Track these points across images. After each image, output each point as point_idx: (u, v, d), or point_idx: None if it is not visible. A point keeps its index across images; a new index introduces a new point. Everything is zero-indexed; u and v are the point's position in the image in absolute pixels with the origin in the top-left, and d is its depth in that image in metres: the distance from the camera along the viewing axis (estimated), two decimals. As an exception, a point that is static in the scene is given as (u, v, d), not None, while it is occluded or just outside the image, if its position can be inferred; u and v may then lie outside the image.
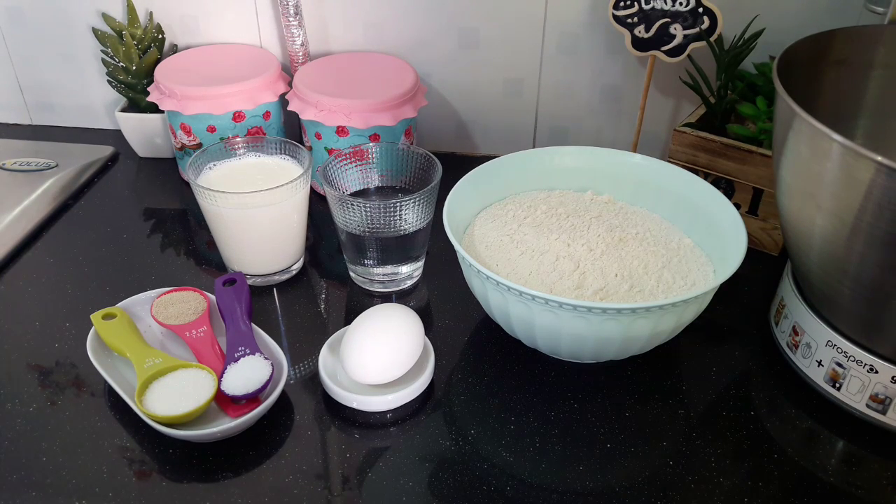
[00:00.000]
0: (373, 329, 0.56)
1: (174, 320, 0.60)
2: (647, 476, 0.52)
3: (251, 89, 0.77)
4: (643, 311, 0.51)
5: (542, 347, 0.58)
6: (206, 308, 0.61)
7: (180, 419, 0.52)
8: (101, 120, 0.95)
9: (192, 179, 0.65)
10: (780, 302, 0.62)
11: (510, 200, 0.68)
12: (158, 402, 0.53)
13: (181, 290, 0.63)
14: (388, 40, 0.84)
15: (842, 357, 0.55)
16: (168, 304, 0.62)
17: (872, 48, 0.61)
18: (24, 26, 0.88)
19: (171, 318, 0.60)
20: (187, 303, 0.62)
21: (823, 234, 0.50)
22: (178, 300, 0.62)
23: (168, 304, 0.62)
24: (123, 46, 0.82)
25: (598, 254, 0.60)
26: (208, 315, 0.61)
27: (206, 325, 0.60)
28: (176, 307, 0.61)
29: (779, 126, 0.53)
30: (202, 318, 0.60)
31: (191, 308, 0.61)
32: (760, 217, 0.71)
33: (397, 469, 0.52)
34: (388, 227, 0.63)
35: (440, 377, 0.60)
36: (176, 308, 0.61)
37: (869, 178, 0.44)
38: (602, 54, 0.81)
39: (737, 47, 0.71)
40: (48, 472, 0.52)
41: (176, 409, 0.52)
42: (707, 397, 0.58)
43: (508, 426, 0.56)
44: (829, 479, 0.52)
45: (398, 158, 0.69)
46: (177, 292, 0.63)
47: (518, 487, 0.51)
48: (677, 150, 0.72)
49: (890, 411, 0.54)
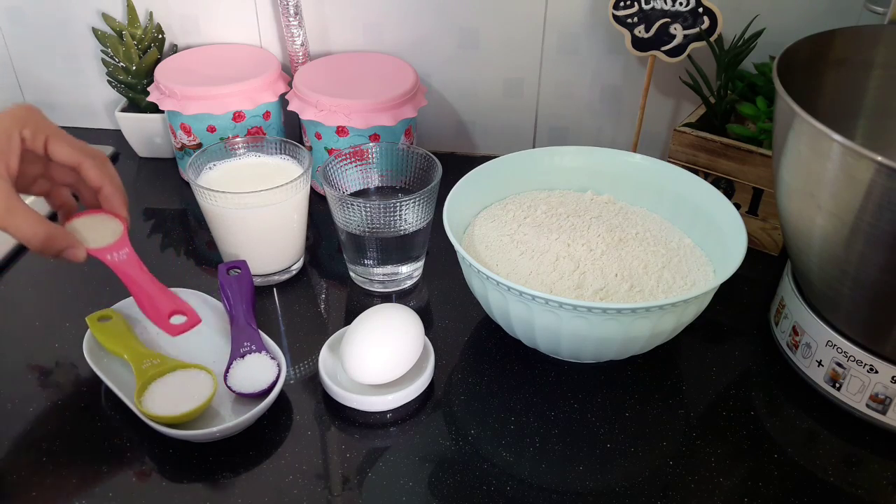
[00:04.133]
0: (373, 329, 0.56)
1: (92, 244, 0.54)
2: (647, 476, 0.52)
3: (251, 89, 0.77)
4: (643, 311, 0.51)
5: (542, 347, 0.58)
6: (122, 231, 0.56)
7: (180, 419, 0.52)
8: (101, 120, 0.95)
9: (192, 179, 0.65)
10: (780, 302, 0.62)
11: (510, 200, 0.68)
12: (158, 402, 0.53)
13: (94, 212, 0.57)
14: (388, 40, 0.84)
15: (842, 357, 0.55)
16: (83, 228, 0.55)
17: (872, 48, 0.61)
18: (24, 26, 0.88)
19: (89, 242, 0.55)
20: (104, 226, 0.56)
21: (823, 234, 0.50)
22: (91, 225, 0.56)
23: (83, 229, 0.55)
24: (123, 46, 0.82)
25: (598, 254, 0.60)
26: (127, 237, 0.56)
27: (126, 248, 0.55)
28: (92, 233, 0.55)
29: (779, 126, 0.53)
30: (121, 240, 0.55)
31: (109, 231, 0.56)
32: (760, 217, 0.71)
33: (397, 469, 0.52)
34: (388, 227, 0.63)
35: (440, 377, 0.60)
36: (92, 233, 0.55)
37: (869, 178, 0.44)
38: (602, 54, 0.81)
39: (737, 47, 0.71)
40: (48, 472, 0.52)
41: (175, 410, 0.52)
42: (707, 397, 0.58)
43: (508, 426, 0.56)
44: (829, 479, 0.52)
45: (398, 158, 0.69)
46: (89, 215, 0.56)
47: (518, 487, 0.51)
48: (677, 150, 0.72)
49: (890, 411, 0.54)
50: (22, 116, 0.51)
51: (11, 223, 0.49)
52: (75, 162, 0.53)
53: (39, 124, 0.51)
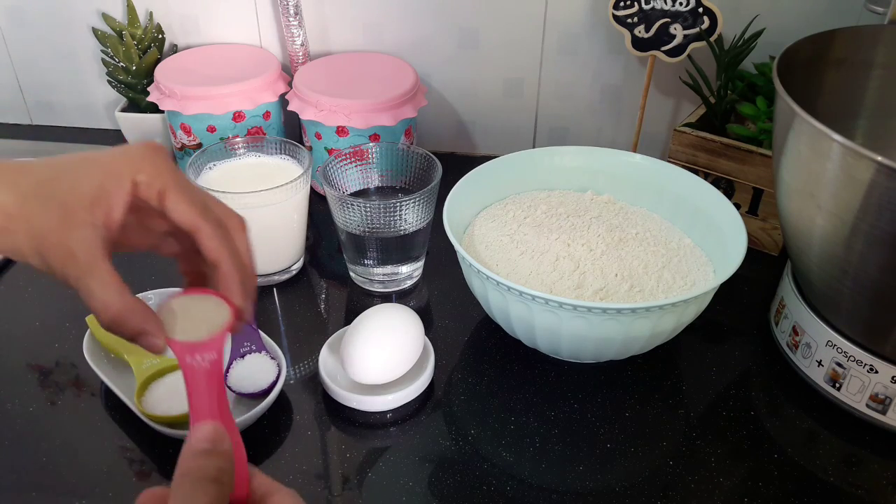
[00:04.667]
0: (373, 329, 0.56)
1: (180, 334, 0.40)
2: (647, 476, 0.52)
3: (251, 89, 0.77)
4: (643, 311, 0.51)
5: (542, 347, 0.58)
6: (224, 325, 0.40)
7: (180, 419, 0.52)
8: (101, 120, 0.95)
9: (192, 179, 0.65)
10: (780, 302, 0.62)
11: (510, 200, 0.67)
12: (158, 402, 0.53)
13: (205, 293, 0.41)
14: (388, 40, 0.84)
15: (842, 357, 0.55)
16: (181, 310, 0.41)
17: (872, 48, 0.61)
18: (24, 26, 0.88)
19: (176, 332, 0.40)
20: (208, 313, 0.41)
21: (823, 233, 0.50)
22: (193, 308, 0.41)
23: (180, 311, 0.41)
24: (123, 46, 0.82)
25: (598, 254, 0.60)
26: (224, 338, 0.40)
27: (214, 352, 0.38)
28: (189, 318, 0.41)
29: (779, 126, 0.53)
30: (214, 340, 0.39)
31: (208, 321, 0.41)
32: (760, 217, 0.71)
33: (397, 469, 0.52)
34: (388, 227, 0.63)
35: (440, 377, 0.59)
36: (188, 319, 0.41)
37: (869, 179, 0.44)
38: (602, 54, 0.81)
39: (737, 47, 0.71)
40: (48, 472, 0.52)
41: (175, 409, 0.52)
42: (707, 397, 0.58)
43: (508, 426, 0.56)
44: (829, 479, 0.52)
45: (398, 158, 0.69)
46: (198, 295, 0.42)
47: (518, 487, 0.51)
48: (677, 150, 0.72)
49: (890, 411, 0.54)
50: (140, 157, 0.41)
51: (85, 284, 0.38)
52: (191, 226, 0.41)
53: (159, 169, 0.41)
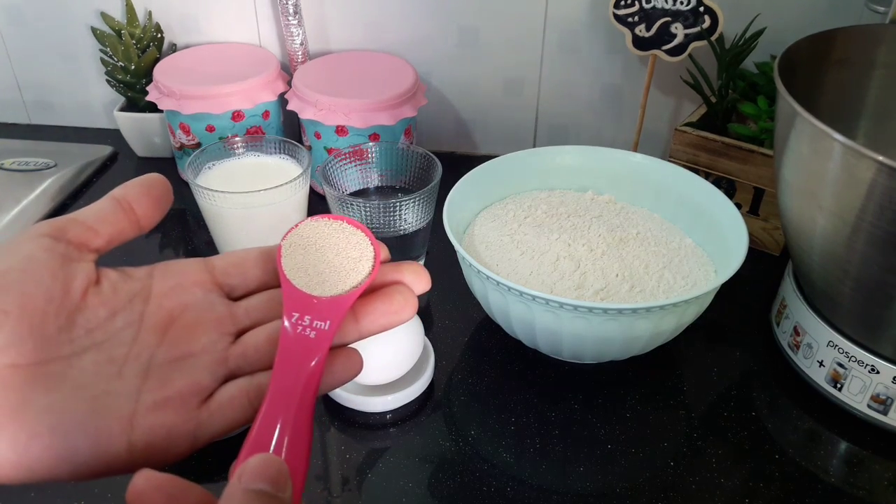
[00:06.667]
0: (372, 329, 0.56)
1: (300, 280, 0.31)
2: (647, 477, 0.52)
3: (250, 89, 0.77)
4: (644, 311, 0.51)
5: (542, 348, 0.58)
6: (370, 272, 0.31)
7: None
8: (99, 119, 0.94)
9: (191, 179, 0.64)
10: (781, 302, 0.62)
11: (510, 200, 0.67)
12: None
13: (349, 222, 0.33)
14: (388, 39, 0.83)
15: (843, 357, 0.54)
16: (302, 246, 0.32)
17: (874, 48, 0.60)
18: (23, 26, 0.88)
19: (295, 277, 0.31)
20: (341, 253, 0.32)
21: (825, 233, 0.50)
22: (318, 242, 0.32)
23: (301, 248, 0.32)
24: (122, 46, 0.82)
25: (599, 254, 0.60)
26: (353, 299, 0.31)
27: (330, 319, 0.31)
28: (309, 258, 0.32)
29: (780, 125, 0.53)
30: (347, 296, 0.31)
31: (350, 263, 0.32)
32: (761, 217, 0.71)
33: (397, 470, 0.52)
34: (388, 227, 0.63)
35: (440, 377, 0.59)
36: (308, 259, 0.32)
37: (870, 178, 0.44)
38: (603, 53, 0.81)
39: (738, 46, 0.71)
40: (47, 473, 0.52)
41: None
42: (708, 398, 0.58)
43: (509, 427, 0.55)
44: (831, 479, 0.52)
45: (398, 158, 0.68)
46: (338, 221, 0.33)
47: (518, 488, 0.51)
48: (678, 149, 0.72)
49: (891, 412, 0.54)
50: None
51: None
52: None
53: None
